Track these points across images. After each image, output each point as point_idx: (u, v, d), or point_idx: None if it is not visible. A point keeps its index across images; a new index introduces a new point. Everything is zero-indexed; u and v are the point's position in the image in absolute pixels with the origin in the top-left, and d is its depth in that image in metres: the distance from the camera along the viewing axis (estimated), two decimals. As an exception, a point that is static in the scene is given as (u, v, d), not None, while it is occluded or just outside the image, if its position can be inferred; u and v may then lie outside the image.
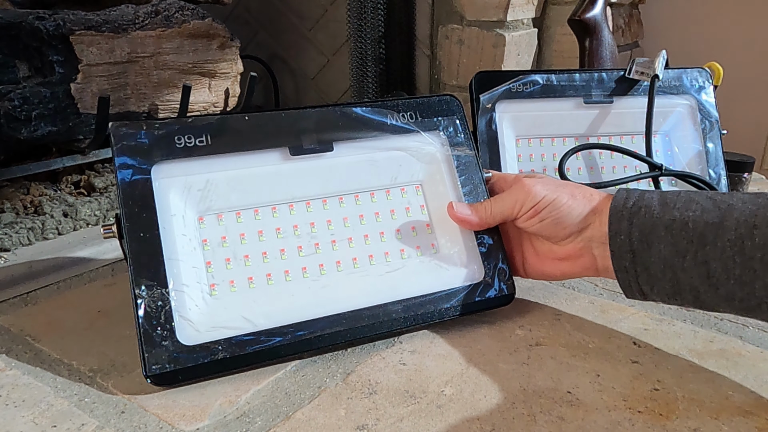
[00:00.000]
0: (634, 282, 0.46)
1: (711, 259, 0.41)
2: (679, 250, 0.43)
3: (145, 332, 0.43)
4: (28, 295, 0.60)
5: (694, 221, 0.42)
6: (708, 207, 0.43)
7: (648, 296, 0.46)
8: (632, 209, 0.45)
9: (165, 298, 0.44)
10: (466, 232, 0.54)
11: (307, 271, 0.50)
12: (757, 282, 0.40)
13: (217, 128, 0.49)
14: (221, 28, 0.86)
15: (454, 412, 0.42)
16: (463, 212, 0.53)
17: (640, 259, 0.45)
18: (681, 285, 0.43)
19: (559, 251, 0.51)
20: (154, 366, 0.43)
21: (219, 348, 0.45)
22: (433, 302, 0.51)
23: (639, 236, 0.44)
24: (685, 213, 0.43)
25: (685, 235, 0.42)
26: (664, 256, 0.43)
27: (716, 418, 0.42)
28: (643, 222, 0.44)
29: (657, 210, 0.44)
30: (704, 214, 0.42)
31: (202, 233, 0.48)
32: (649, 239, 0.44)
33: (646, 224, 0.44)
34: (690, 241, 0.42)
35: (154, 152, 0.47)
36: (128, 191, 0.46)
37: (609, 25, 0.87)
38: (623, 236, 0.45)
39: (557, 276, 0.53)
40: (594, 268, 0.50)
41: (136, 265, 0.44)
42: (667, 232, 0.43)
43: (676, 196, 0.45)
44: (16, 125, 0.68)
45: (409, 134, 0.55)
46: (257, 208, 0.50)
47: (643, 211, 0.45)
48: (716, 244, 0.41)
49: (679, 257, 0.43)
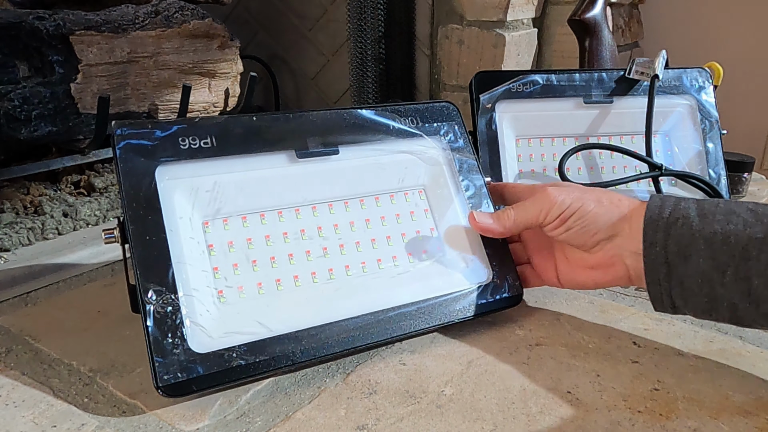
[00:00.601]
0: (666, 295, 0.44)
1: (753, 276, 0.40)
2: (719, 264, 0.41)
3: (155, 340, 0.41)
4: (28, 295, 0.60)
5: (736, 235, 0.41)
6: (750, 220, 0.41)
7: (679, 310, 0.45)
8: (669, 220, 0.44)
9: (175, 303, 0.43)
10: (471, 235, 0.54)
11: (317, 276, 0.49)
12: None
13: (223, 130, 0.49)
14: (221, 28, 0.86)
15: (454, 412, 0.42)
16: (485, 222, 0.52)
17: (675, 272, 0.43)
18: (718, 301, 0.42)
19: (591, 260, 0.50)
20: (166, 376, 0.41)
21: (233, 355, 0.43)
22: (443, 305, 0.51)
23: (676, 249, 0.43)
24: (726, 226, 0.41)
25: (727, 249, 0.41)
26: (702, 270, 0.42)
27: (716, 418, 0.42)
28: (681, 233, 0.43)
29: (696, 222, 0.42)
30: (747, 228, 0.41)
31: (207, 238, 0.47)
32: (687, 252, 0.42)
33: (684, 236, 0.42)
34: (732, 255, 0.41)
35: (158, 153, 0.46)
36: (132, 193, 0.44)
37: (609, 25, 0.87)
38: (659, 248, 0.44)
39: (590, 285, 0.51)
40: (627, 277, 0.48)
41: (142, 269, 0.43)
42: (707, 245, 0.41)
43: (715, 207, 0.43)
44: (16, 125, 0.68)
45: (413, 138, 0.56)
46: (263, 212, 0.49)
47: (680, 222, 0.43)
48: (759, 259, 0.40)
49: (719, 272, 0.41)
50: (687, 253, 0.42)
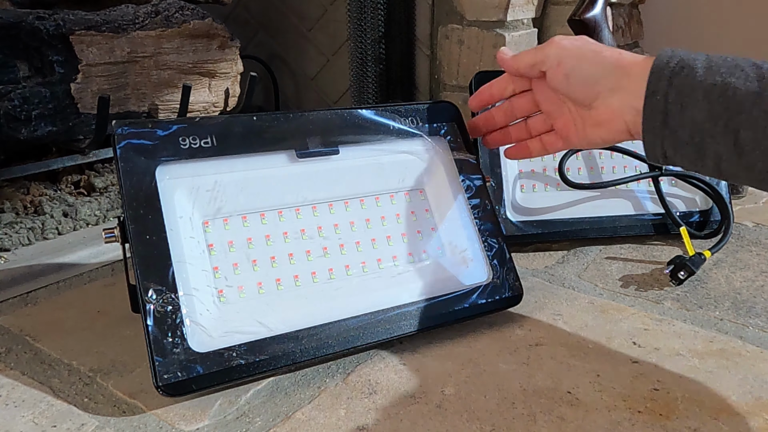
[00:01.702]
0: (659, 144, 0.45)
1: (742, 128, 0.41)
2: (712, 116, 0.42)
3: (155, 339, 0.41)
4: (28, 295, 0.60)
5: (735, 88, 0.41)
6: (751, 75, 0.41)
7: (670, 159, 0.45)
8: (674, 69, 0.44)
9: (175, 302, 0.43)
10: (471, 236, 0.54)
11: (317, 275, 0.49)
12: None
13: (223, 129, 0.49)
14: (221, 28, 0.86)
15: (454, 412, 0.42)
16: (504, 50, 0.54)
17: (672, 121, 0.44)
18: (706, 151, 0.43)
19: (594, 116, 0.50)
20: (166, 375, 0.41)
21: (233, 354, 0.43)
22: (443, 305, 0.51)
23: (675, 97, 0.43)
24: (727, 79, 0.42)
25: (723, 101, 0.41)
26: (696, 120, 0.42)
27: (716, 418, 0.42)
28: (683, 83, 0.43)
29: (700, 73, 0.43)
30: (747, 82, 0.41)
31: (207, 237, 0.47)
32: (685, 102, 0.43)
33: (686, 86, 0.43)
34: (726, 107, 0.41)
35: (159, 153, 0.46)
36: (132, 193, 0.44)
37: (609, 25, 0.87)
38: (659, 96, 0.44)
39: (599, 143, 0.52)
40: (627, 131, 0.48)
41: (143, 269, 0.43)
42: (705, 96, 0.42)
43: (723, 61, 0.43)
44: (16, 125, 0.68)
45: (413, 138, 0.56)
46: (264, 211, 0.49)
47: (685, 72, 0.43)
48: (751, 113, 0.40)
49: (711, 122, 0.42)
50: (685, 102, 0.43)
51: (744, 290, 0.60)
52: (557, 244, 0.70)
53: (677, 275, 0.61)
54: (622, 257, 0.68)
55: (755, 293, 0.59)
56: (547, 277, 0.63)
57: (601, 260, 0.67)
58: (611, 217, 0.70)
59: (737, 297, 0.59)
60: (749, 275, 0.63)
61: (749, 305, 0.57)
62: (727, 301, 0.58)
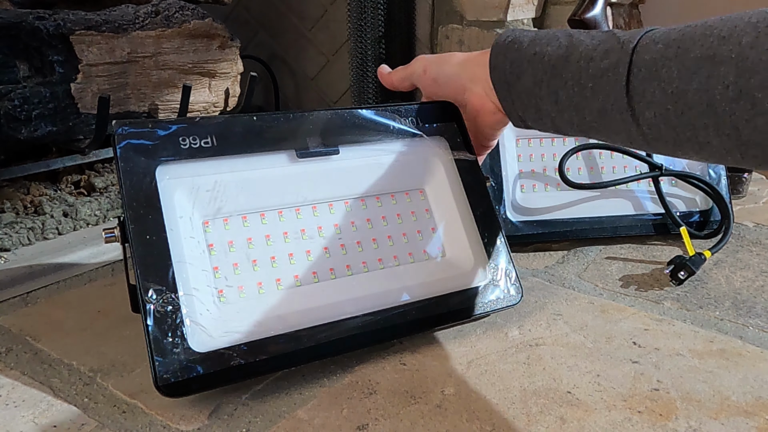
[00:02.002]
0: (514, 111, 0.51)
1: (559, 88, 0.47)
2: (536, 80, 0.48)
3: (155, 339, 0.41)
4: (28, 295, 0.60)
5: (549, 55, 0.47)
6: (564, 43, 0.47)
7: (526, 122, 0.52)
8: (507, 44, 0.51)
9: (175, 302, 0.42)
10: (472, 236, 0.54)
11: (317, 275, 0.49)
12: (587, 108, 0.46)
13: (223, 129, 0.49)
14: (221, 28, 0.86)
15: (454, 412, 0.42)
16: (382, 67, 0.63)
17: (513, 89, 0.50)
18: (541, 111, 0.49)
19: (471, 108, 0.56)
20: (165, 375, 0.40)
21: (233, 355, 0.43)
22: (444, 304, 0.51)
23: (510, 67, 0.50)
24: (545, 48, 0.48)
25: (541, 67, 0.48)
26: (527, 86, 0.49)
27: (716, 418, 0.42)
28: (514, 56, 0.50)
29: (525, 45, 0.50)
30: (559, 49, 0.47)
31: (208, 237, 0.47)
32: (517, 71, 0.50)
33: (516, 57, 0.50)
34: (545, 72, 0.48)
35: (159, 152, 0.46)
36: (132, 192, 0.44)
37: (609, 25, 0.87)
38: (499, 70, 0.51)
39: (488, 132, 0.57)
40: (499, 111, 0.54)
41: (143, 268, 0.42)
42: (529, 64, 0.49)
43: (545, 34, 0.50)
44: (16, 125, 0.68)
45: (413, 138, 0.56)
46: (264, 211, 0.49)
47: (516, 46, 0.50)
48: (562, 75, 0.46)
49: (537, 87, 0.48)
50: (517, 71, 0.50)
51: (744, 290, 0.60)
52: (557, 244, 0.70)
53: (677, 275, 0.61)
54: (622, 257, 0.68)
55: (755, 293, 0.59)
56: (547, 277, 0.63)
57: (601, 260, 0.67)
58: (611, 217, 0.71)
59: (737, 297, 0.59)
60: (749, 275, 0.63)
61: (749, 305, 0.57)
62: (727, 301, 0.58)
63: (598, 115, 0.45)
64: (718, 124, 0.39)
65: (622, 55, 0.43)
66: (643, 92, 0.42)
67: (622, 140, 0.46)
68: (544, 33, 0.50)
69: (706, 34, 0.40)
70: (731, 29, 0.39)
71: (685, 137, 0.42)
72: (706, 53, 0.39)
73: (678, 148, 0.43)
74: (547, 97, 0.48)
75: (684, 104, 0.40)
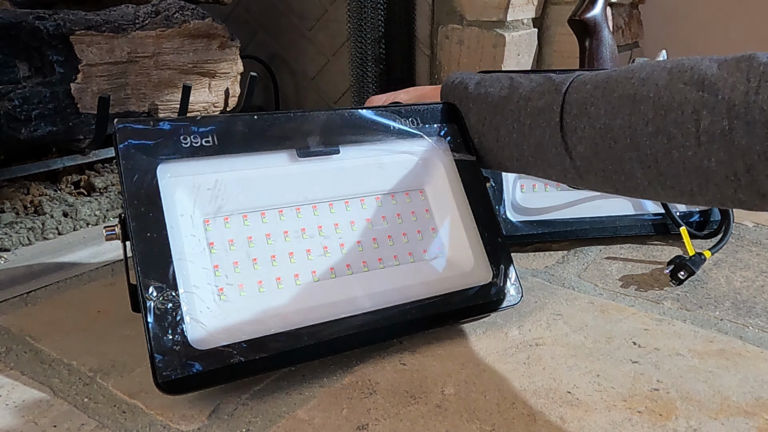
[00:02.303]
0: None
1: (500, 126, 0.52)
2: (480, 118, 0.54)
3: (155, 336, 0.41)
4: (28, 295, 0.60)
5: (492, 95, 0.53)
6: (506, 85, 0.53)
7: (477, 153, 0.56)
8: (455, 85, 0.57)
9: (175, 300, 0.42)
10: (472, 236, 0.54)
11: (317, 274, 0.49)
12: (525, 143, 0.51)
13: (224, 128, 0.49)
14: (221, 28, 0.86)
15: (454, 412, 0.42)
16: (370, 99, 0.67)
17: None
18: (484, 148, 0.55)
19: None
20: (165, 372, 0.41)
21: (233, 352, 0.43)
22: (444, 304, 0.51)
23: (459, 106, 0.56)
24: (489, 90, 0.54)
25: (485, 106, 0.53)
26: (472, 123, 0.55)
27: (716, 418, 0.42)
28: (460, 95, 0.56)
29: (471, 87, 0.56)
30: (501, 90, 0.53)
31: (208, 236, 0.47)
32: (463, 109, 0.56)
33: (463, 97, 0.56)
34: (488, 111, 0.53)
35: (160, 151, 0.46)
36: (133, 190, 0.44)
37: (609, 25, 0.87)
38: None
39: None
40: None
41: (143, 266, 0.42)
42: (475, 104, 0.54)
43: (489, 77, 0.56)
44: (16, 125, 0.68)
45: (413, 138, 0.56)
46: (264, 210, 0.49)
47: (461, 87, 0.56)
48: (503, 113, 0.52)
49: (480, 124, 0.54)
50: (463, 109, 0.56)
51: (744, 290, 0.60)
52: (557, 244, 0.70)
53: (677, 275, 0.61)
54: (622, 257, 0.68)
55: (755, 293, 0.59)
56: (547, 277, 0.63)
57: (601, 260, 0.67)
58: (611, 217, 0.71)
59: (737, 297, 0.59)
60: (749, 275, 0.63)
61: (749, 305, 0.57)
62: (727, 301, 0.58)
63: (536, 150, 0.50)
64: (640, 157, 0.44)
65: (556, 95, 0.48)
66: (575, 128, 0.47)
67: (557, 174, 0.50)
68: (488, 77, 0.56)
69: (628, 77, 0.45)
70: (649, 74, 0.44)
71: (613, 169, 0.46)
72: (628, 92, 0.44)
73: (607, 181, 0.47)
74: (489, 134, 0.53)
75: (611, 138, 0.45)
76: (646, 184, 0.45)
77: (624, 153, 0.44)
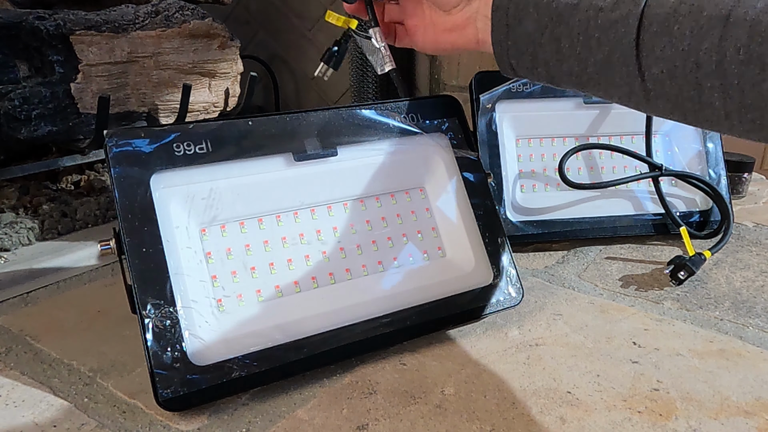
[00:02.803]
0: (505, 55, 0.49)
1: (563, 36, 0.46)
2: (540, 26, 0.47)
3: (155, 354, 0.41)
4: (28, 295, 0.60)
5: (557, 1, 0.46)
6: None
7: (516, 70, 0.50)
8: None
9: (173, 316, 0.42)
10: (472, 236, 0.54)
11: (316, 281, 0.49)
12: (591, 58, 0.45)
13: (218, 134, 0.48)
14: (221, 28, 0.86)
15: (454, 412, 0.42)
16: None
17: (512, 33, 0.48)
18: (537, 59, 0.48)
19: (450, 22, 0.53)
20: (165, 391, 0.40)
21: (233, 367, 0.42)
22: (445, 305, 0.50)
23: (514, 11, 0.48)
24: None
25: (547, 12, 0.46)
26: (528, 31, 0.48)
27: (716, 418, 0.42)
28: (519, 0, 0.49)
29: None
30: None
31: (205, 246, 0.46)
32: (521, 15, 0.48)
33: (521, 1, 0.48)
34: (551, 18, 0.46)
35: (153, 161, 0.45)
36: (127, 204, 0.43)
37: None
38: (502, 11, 0.49)
39: (448, 49, 0.55)
40: (475, 40, 0.52)
41: (140, 283, 0.42)
42: (535, 9, 0.47)
43: None
44: (16, 125, 0.68)
45: (412, 136, 0.55)
46: (261, 217, 0.48)
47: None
48: (569, 23, 0.45)
49: (539, 33, 0.47)
50: (521, 15, 0.48)
51: (744, 290, 0.60)
52: (557, 244, 0.70)
53: (677, 275, 0.61)
54: (622, 257, 0.68)
55: (755, 293, 0.59)
56: (547, 277, 0.63)
57: (601, 260, 0.67)
58: (611, 217, 0.71)
59: (737, 297, 0.59)
60: (749, 275, 0.63)
61: (749, 305, 0.57)
62: (727, 301, 0.58)
63: (602, 67, 0.44)
64: (724, 86, 0.39)
65: (633, 7, 0.42)
66: (653, 47, 0.41)
67: (621, 96, 0.45)
68: None
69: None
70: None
71: (688, 96, 0.41)
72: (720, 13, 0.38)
73: (678, 108, 0.42)
74: (548, 45, 0.47)
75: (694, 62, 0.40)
76: (723, 115, 0.40)
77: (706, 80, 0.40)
